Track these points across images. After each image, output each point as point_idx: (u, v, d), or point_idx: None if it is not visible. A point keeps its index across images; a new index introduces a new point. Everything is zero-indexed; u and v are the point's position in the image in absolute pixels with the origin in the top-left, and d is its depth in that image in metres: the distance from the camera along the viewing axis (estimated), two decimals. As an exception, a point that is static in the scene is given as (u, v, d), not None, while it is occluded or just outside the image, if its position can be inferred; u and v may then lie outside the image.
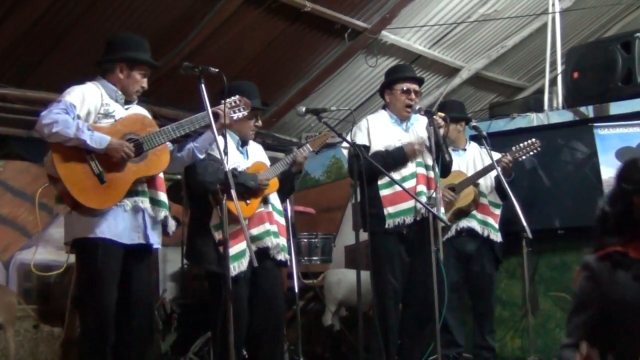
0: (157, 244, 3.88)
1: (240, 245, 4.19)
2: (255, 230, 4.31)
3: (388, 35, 6.81)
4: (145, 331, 3.87)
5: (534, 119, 6.19)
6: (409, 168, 4.70)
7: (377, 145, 4.76)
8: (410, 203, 4.60)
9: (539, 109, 6.34)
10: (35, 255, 5.73)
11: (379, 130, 4.82)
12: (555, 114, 6.19)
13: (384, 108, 4.98)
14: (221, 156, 3.53)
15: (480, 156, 5.47)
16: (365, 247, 4.57)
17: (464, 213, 5.35)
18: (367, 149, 4.71)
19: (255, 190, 4.32)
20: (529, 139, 5.33)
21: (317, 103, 7.28)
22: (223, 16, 5.80)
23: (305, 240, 6.29)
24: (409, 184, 4.58)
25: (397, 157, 4.69)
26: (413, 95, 4.84)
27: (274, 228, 4.42)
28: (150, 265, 3.94)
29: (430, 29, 6.99)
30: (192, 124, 3.81)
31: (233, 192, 3.37)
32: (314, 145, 4.63)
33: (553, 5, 6.75)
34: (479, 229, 5.34)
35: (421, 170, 4.70)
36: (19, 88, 5.61)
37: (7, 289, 5.47)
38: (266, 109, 6.35)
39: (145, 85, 3.90)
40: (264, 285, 4.37)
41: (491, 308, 5.50)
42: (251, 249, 3.70)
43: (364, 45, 6.81)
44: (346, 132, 4.78)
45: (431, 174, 4.64)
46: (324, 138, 4.69)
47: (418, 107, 4.80)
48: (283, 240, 4.50)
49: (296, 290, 5.21)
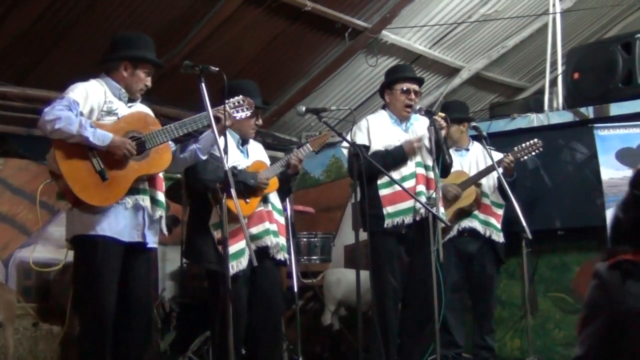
0: (153, 244, 3.86)
1: (240, 244, 4.19)
2: (255, 229, 4.31)
3: (388, 35, 6.80)
4: (144, 330, 3.85)
5: (534, 120, 6.18)
6: (408, 168, 4.70)
7: (377, 145, 4.76)
8: (410, 203, 4.60)
9: (539, 109, 6.33)
10: (35, 254, 5.72)
11: (378, 130, 4.81)
12: (556, 114, 6.18)
13: (384, 108, 4.98)
14: (221, 155, 3.52)
15: (483, 156, 5.46)
16: (365, 247, 4.56)
17: (465, 213, 5.34)
18: (367, 148, 4.70)
19: (255, 189, 4.32)
20: (529, 140, 5.33)
21: (317, 102, 7.28)
22: (223, 15, 5.80)
23: (305, 239, 6.28)
24: (409, 184, 4.58)
25: (397, 156, 4.69)
26: (413, 96, 4.83)
27: (273, 227, 4.42)
28: (149, 263, 3.93)
29: (430, 29, 6.98)
30: (195, 123, 3.80)
31: (233, 191, 3.36)
32: (314, 145, 4.63)
33: (554, 5, 6.74)
34: (480, 229, 5.34)
35: (421, 171, 4.69)
36: (19, 86, 5.61)
37: (7, 287, 5.46)
38: (267, 108, 6.34)
39: (149, 83, 3.90)
40: (262, 285, 4.37)
41: (491, 308, 5.50)
42: (251, 248, 3.69)
43: (364, 45, 6.80)
44: (346, 132, 4.77)
45: (431, 175, 4.64)
46: (324, 138, 4.69)
47: (418, 107, 4.80)
48: (282, 240, 4.50)
49: (295, 289, 5.20)
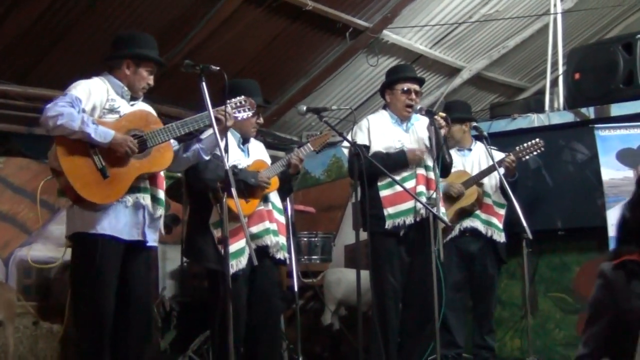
0: (153, 242, 3.86)
1: (240, 243, 4.19)
2: (255, 229, 4.31)
3: (389, 35, 6.80)
4: (143, 328, 3.86)
5: (535, 120, 6.18)
6: (408, 169, 4.70)
7: (377, 146, 4.75)
8: (410, 204, 4.60)
9: (540, 109, 6.33)
10: (35, 252, 5.72)
11: (379, 131, 4.81)
12: (556, 114, 6.18)
13: (385, 108, 4.97)
14: (222, 154, 3.53)
15: (486, 156, 5.44)
16: (365, 247, 4.56)
17: (467, 213, 5.34)
18: (367, 148, 4.70)
19: (255, 188, 4.32)
20: (529, 140, 5.33)
21: (318, 102, 7.27)
22: (224, 15, 5.80)
23: (305, 239, 6.29)
24: (409, 185, 4.57)
25: (398, 161, 4.68)
26: (414, 96, 4.83)
27: (273, 226, 4.42)
28: (149, 262, 3.93)
29: (431, 28, 6.98)
30: (196, 123, 3.80)
31: (233, 190, 3.36)
32: (315, 144, 4.63)
33: (555, 6, 6.73)
34: (482, 228, 5.34)
35: (421, 171, 4.69)
36: (20, 85, 5.61)
37: (7, 285, 5.46)
38: (268, 107, 6.34)
39: (151, 82, 3.90)
40: (262, 284, 4.38)
41: (491, 308, 5.50)
42: (251, 247, 3.69)
43: (365, 45, 6.80)
44: (347, 132, 4.77)
45: (431, 175, 4.64)
46: (325, 138, 4.68)
47: (419, 107, 4.79)
48: (282, 239, 4.50)
49: (296, 289, 5.20)
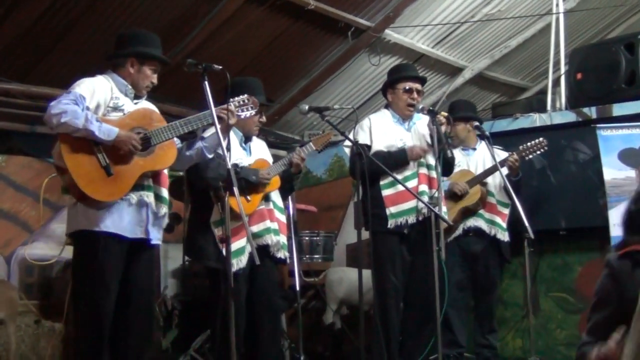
0: (157, 240, 3.87)
1: (240, 242, 4.19)
2: (256, 228, 4.31)
3: (391, 34, 6.79)
4: (144, 327, 3.85)
5: (537, 120, 6.18)
6: (410, 168, 4.70)
7: (379, 145, 4.76)
8: (412, 203, 4.60)
9: (542, 109, 6.33)
10: (37, 250, 5.72)
11: (381, 130, 4.81)
12: (558, 114, 6.17)
13: (387, 107, 4.98)
14: (224, 153, 3.53)
15: (490, 156, 5.45)
16: (367, 246, 4.56)
17: (470, 212, 5.34)
18: (369, 148, 4.70)
19: (256, 185, 4.32)
20: (531, 140, 5.33)
21: (320, 101, 7.27)
22: (226, 14, 5.79)
23: (307, 238, 6.29)
24: (411, 184, 4.58)
25: (399, 159, 4.68)
26: (415, 95, 4.83)
27: (274, 225, 4.42)
28: (151, 261, 3.93)
29: (433, 28, 6.97)
30: (200, 121, 3.80)
31: (235, 189, 3.36)
32: (317, 144, 4.63)
33: (557, 5, 6.72)
34: (486, 228, 5.34)
35: (423, 170, 4.70)
36: (22, 83, 5.60)
37: (9, 284, 5.47)
38: (270, 105, 6.33)
39: (155, 80, 3.90)
40: (262, 283, 4.38)
41: (493, 308, 5.50)
42: (253, 246, 3.69)
43: (367, 44, 6.79)
44: (348, 131, 4.76)
45: (433, 174, 4.64)
46: (327, 137, 4.69)
47: (421, 107, 4.79)
48: (283, 238, 4.50)
49: (297, 288, 5.20)
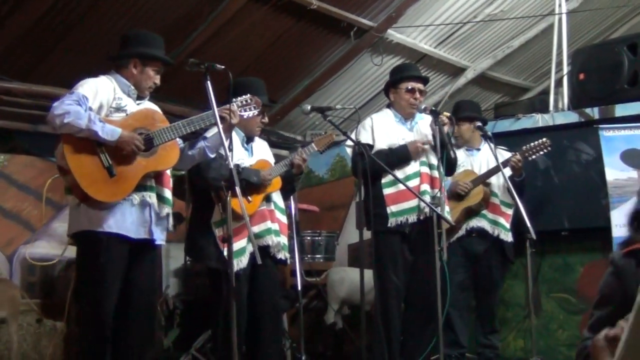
0: (161, 240, 3.87)
1: (241, 242, 4.19)
2: (257, 228, 4.31)
3: (394, 34, 6.79)
4: (145, 328, 3.86)
5: (539, 120, 6.17)
6: (412, 167, 4.70)
7: (381, 144, 4.76)
8: (414, 202, 4.60)
9: (544, 109, 6.33)
10: (39, 249, 5.73)
11: (383, 129, 4.81)
12: (561, 115, 6.17)
13: (389, 107, 4.98)
14: (226, 153, 3.53)
15: (494, 156, 5.44)
16: (369, 246, 4.57)
17: (473, 212, 5.34)
18: (371, 147, 4.70)
19: (257, 186, 4.32)
20: (533, 140, 5.32)
21: (322, 101, 7.27)
22: (229, 13, 5.80)
23: (309, 238, 6.30)
24: (413, 183, 4.58)
25: (401, 156, 4.68)
26: (418, 95, 4.83)
27: (275, 226, 4.42)
28: (154, 261, 3.93)
29: (436, 28, 6.97)
30: (203, 121, 3.80)
31: (238, 189, 3.36)
32: (319, 145, 4.62)
33: (560, 6, 6.72)
34: (489, 228, 5.34)
35: (425, 170, 4.69)
36: (24, 82, 5.61)
37: (11, 282, 5.47)
38: (273, 106, 6.34)
39: (158, 81, 3.90)
40: (263, 283, 4.38)
41: (494, 308, 5.50)
42: (255, 246, 3.69)
43: (369, 44, 6.79)
44: (351, 131, 4.76)
45: (435, 174, 4.64)
46: (330, 138, 4.67)
47: (423, 107, 4.79)
48: (284, 239, 4.50)
49: (299, 288, 5.21)
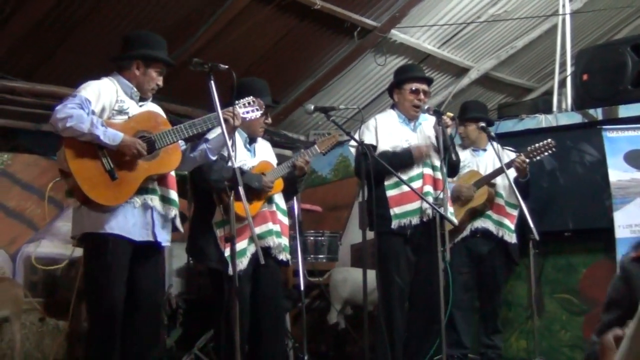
0: (166, 242, 3.86)
1: (242, 243, 4.19)
2: (258, 230, 4.28)
3: (397, 34, 6.80)
4: (150, 329, 3.85)
5: (543, 121, 6.16)
6: (415, 169, 4.69)
7: (385, 145, 4.75)
8: (417, 204, 4.59)
9: (548, 110, 6.31)
10: (42, 249, 5.74)
11: (386, 130, 4.81)
12: (564, 115, 6.16)
13: (393, 107, 4.97)
14: (229, 155, 3.52)
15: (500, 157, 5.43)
16: (372, 246, 4.56)
17: (478, 213, 5.33)
18: (375, 148, 4.69)
19: (259, 191, 4.32)
20: (536, 141, 5.31)
21: (326, 101, 7.27)
22: (232, 13, 5.80)
23: (312, 238, 6.29)
24: (416, 185, 4.56)
25: (404, 159, 4.67)
26: (422, 96, 4.82)
27: (276, 228, 4.41)
28: (159, 263, 3.92)
29: (439, 28, 6.97)
30: (205, 124, 3.79)
31: (241, 189, 3.35)
32: (323, 146, 4.61)
33: (563, 6, 6.71)
34: (493, 229, 5.32)
35: (428, 171, 4.69)
36: (28, 81, 5.62)
37: (14, 281, 5.48)
38: (276, 107, 6.34)
39: (160, 83, 3.89)
40: (265, 284, 4.38)
41: (497, 309, 5.49)
42: (258, 246, 3.68)
43: (373, 44, 6.80)
44: (354, 131, 4.75)
45: (438, 175, 4.63)
46: (333, 140, 4.65)
47: (426, 107, 4.79)
48: (285, 240, 4.49)
49: (302, 288, 5.21)
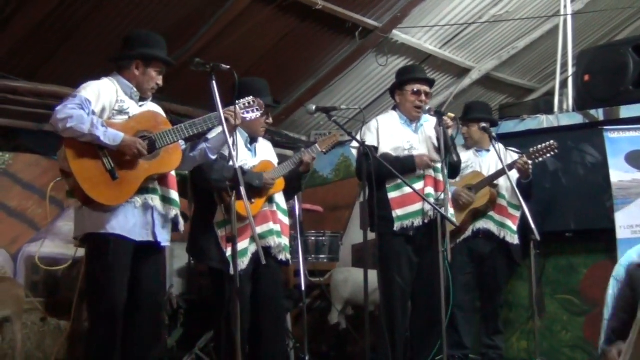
0: (166, 242, 3.86)
1: (243, 243, 4.19)
2: (259, 229, 4.28)
3: (399, 35, 6.79)
4: (151, 330, 3.86)
5: (544, 121, 6.16)
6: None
7: (386, 146, 4.75)
8: (419, 205, 4.60)
9: (549, 111, 6.31)
10: (44, 249, 5.73)
11: (388, 132, 4.81)
12: (565, 116, 6.16)
13: (394, 109, 4.98)
14: (230, 155, 3.53)
15: (504, 158, 5.42)
16: (373, 246, 4.56)
17: (480, 214, 5.33)
18: (376, 149, 4.70)
19: (260, 189, 4.32)
20: (538, 141, 5.31)
21: (327, 101, 7.27)
22: (234, 13, 5.80)
23: (313, 238, 6.30)
24: (417, 187, 4.56)
25: (406, 165, 4.67)
26: (423, 97, 4.83)
27: (277, 227, 4.42)
28: (159, 263, 3.92)
29: (441, 29, 6.97)
30: (205, 123, 3.79)
31: (242, 189, 3.35)
32: (324, 145, 4.61)
33: (565, 7, 6.71)
34: (495, 230, 5.33)
35: (429, 173, 4.69)
36: (30, 81, 5.62)
37: (15, 281, 5.48)
38: (276, 107, 6.33)
39: (160, 82, 3.89)
40: (266, 284, 4.38)
41: (498, 309, 5.49)
42: (259, 246, 3.67)
43: (374, 44, 6.79)
44: (355, 131, 4.76)
45: (439, 176, 4.64)
46: (334, 139, 4.66)
47: (428, 108, 4.79)
48: (286, 240, 4.49)
49: (303, 288, 5.21)
